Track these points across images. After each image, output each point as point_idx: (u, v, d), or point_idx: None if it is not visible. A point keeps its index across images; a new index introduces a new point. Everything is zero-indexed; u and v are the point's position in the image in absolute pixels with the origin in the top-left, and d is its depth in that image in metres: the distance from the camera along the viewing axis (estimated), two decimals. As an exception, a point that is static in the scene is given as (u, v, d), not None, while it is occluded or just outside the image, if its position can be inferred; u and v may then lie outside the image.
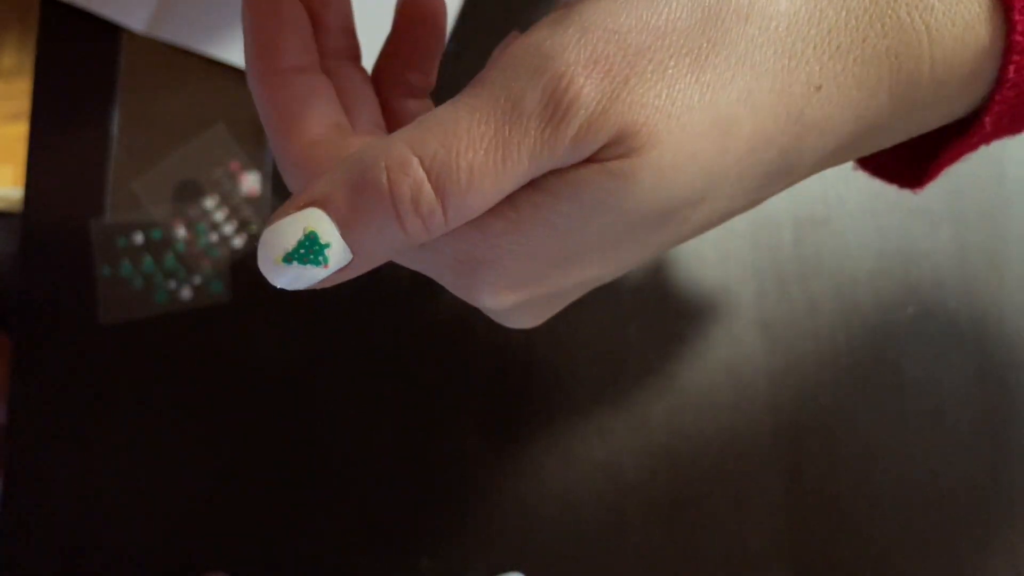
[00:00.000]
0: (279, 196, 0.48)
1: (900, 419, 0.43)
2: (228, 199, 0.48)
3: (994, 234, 0.44)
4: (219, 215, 0.48)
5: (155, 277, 0.47)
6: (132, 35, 0.50)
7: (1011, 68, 0.20)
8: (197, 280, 0.47)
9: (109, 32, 0.50)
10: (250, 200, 0.48)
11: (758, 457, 0.43)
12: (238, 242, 0.47)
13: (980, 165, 0.45)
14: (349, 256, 0.19)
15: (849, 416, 0.43)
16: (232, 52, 0.49)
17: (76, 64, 0.50)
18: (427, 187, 0.18)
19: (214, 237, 0.48)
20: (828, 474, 0.43)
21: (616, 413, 0.44)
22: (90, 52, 0.50)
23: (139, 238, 0.48)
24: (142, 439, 0.46)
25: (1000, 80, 0.20)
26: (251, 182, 0.48)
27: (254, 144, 0.48)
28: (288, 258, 0.19)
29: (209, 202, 0.48)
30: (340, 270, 0.19)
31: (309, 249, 0.19)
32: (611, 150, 0.18)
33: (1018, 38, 0.19)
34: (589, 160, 0.19)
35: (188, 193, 0.48)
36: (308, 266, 0.19)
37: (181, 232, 0.48)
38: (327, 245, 0.19)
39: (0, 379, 0.53)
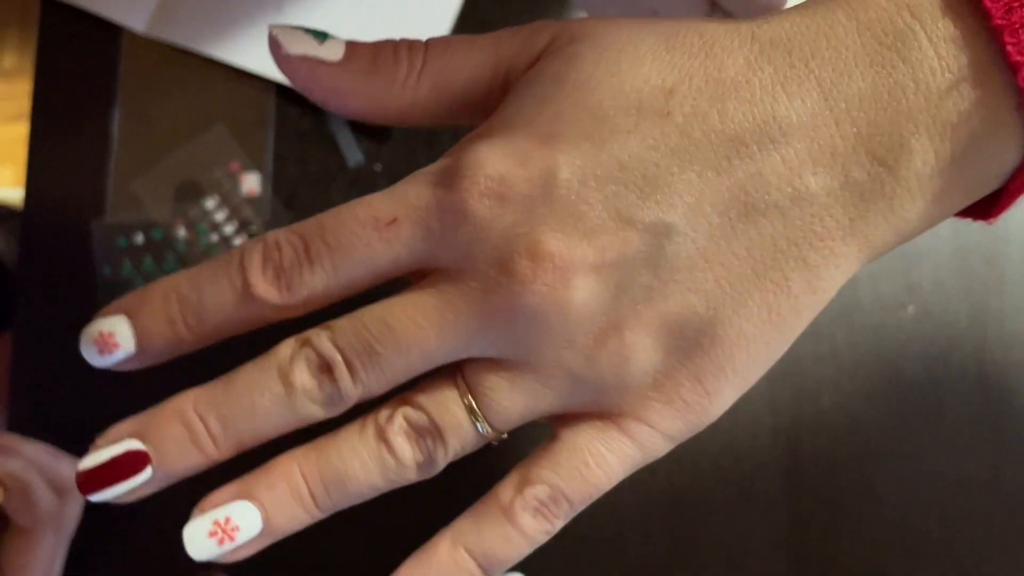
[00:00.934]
0: (279, 196, 0.48)
1: (900, 419, 0.43)
2: (228, 199, 0.48)
3: (994, 234, 0.44)
4: (219, 215, 0.48)
5: (156, 277, 0.47)
6: (132, 35, 0.50)
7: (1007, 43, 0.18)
8: (197, 280, 0.47)
9: (109, 32, 0.50)
10: (250, 200, 0.48)
11: (758, 457, 0.43)
12: (238, 242, 0.47)
13: (980, 165, 0.45)
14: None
15: (849, 416, 0.43)
16: (232, 52, 0.49)
17: (76, 64, 0.50)
18: (420, 44, 0.24)
19: (214, 237, 0.48)
20: (828, 473, 0.43)
21: (616, 413, 0.44)
22: (90, 52, 0.50)
23: (140, 238, 0.48)
24: (142, 439, 0.46)
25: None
26: (251, 182, 0.48)
27: (254, 144, 0.48)
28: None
29: (209, 202, 0.48)
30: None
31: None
32: (555, 44, 0.23)
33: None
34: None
35: (188, 193, 0.48)
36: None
37: (182, 232, 0.48)
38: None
39: (0, 376, 0.53)
